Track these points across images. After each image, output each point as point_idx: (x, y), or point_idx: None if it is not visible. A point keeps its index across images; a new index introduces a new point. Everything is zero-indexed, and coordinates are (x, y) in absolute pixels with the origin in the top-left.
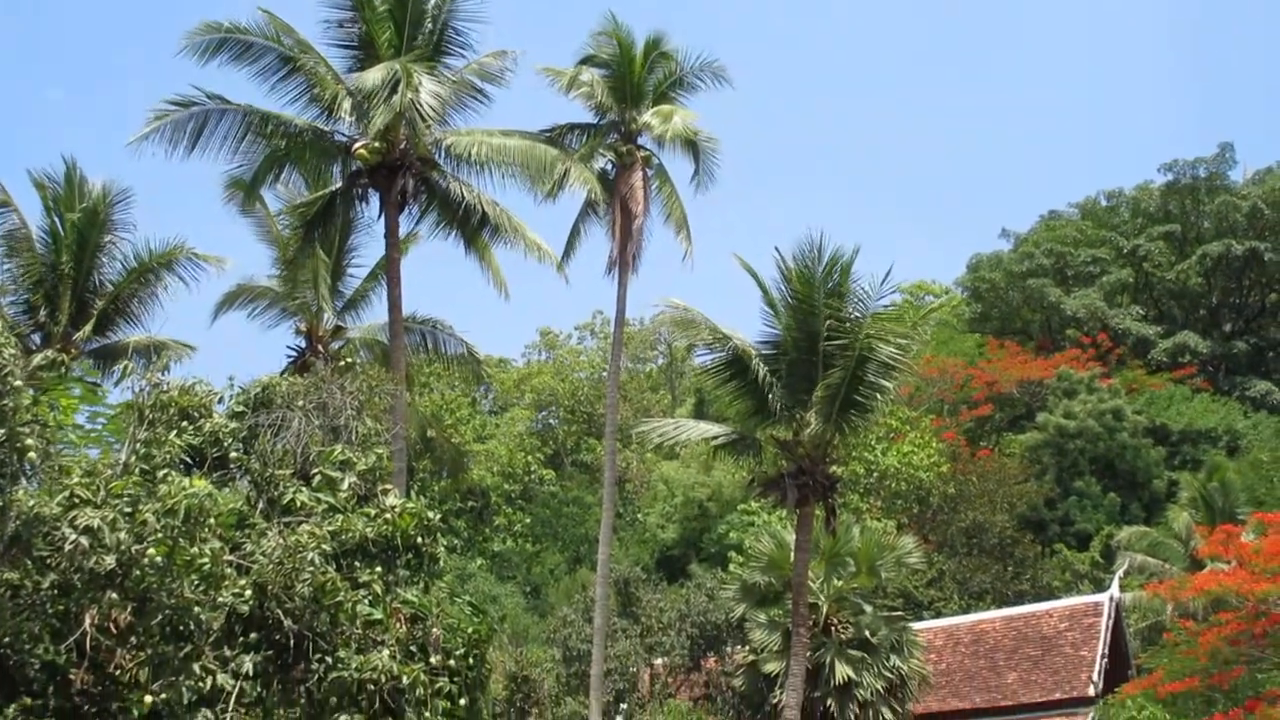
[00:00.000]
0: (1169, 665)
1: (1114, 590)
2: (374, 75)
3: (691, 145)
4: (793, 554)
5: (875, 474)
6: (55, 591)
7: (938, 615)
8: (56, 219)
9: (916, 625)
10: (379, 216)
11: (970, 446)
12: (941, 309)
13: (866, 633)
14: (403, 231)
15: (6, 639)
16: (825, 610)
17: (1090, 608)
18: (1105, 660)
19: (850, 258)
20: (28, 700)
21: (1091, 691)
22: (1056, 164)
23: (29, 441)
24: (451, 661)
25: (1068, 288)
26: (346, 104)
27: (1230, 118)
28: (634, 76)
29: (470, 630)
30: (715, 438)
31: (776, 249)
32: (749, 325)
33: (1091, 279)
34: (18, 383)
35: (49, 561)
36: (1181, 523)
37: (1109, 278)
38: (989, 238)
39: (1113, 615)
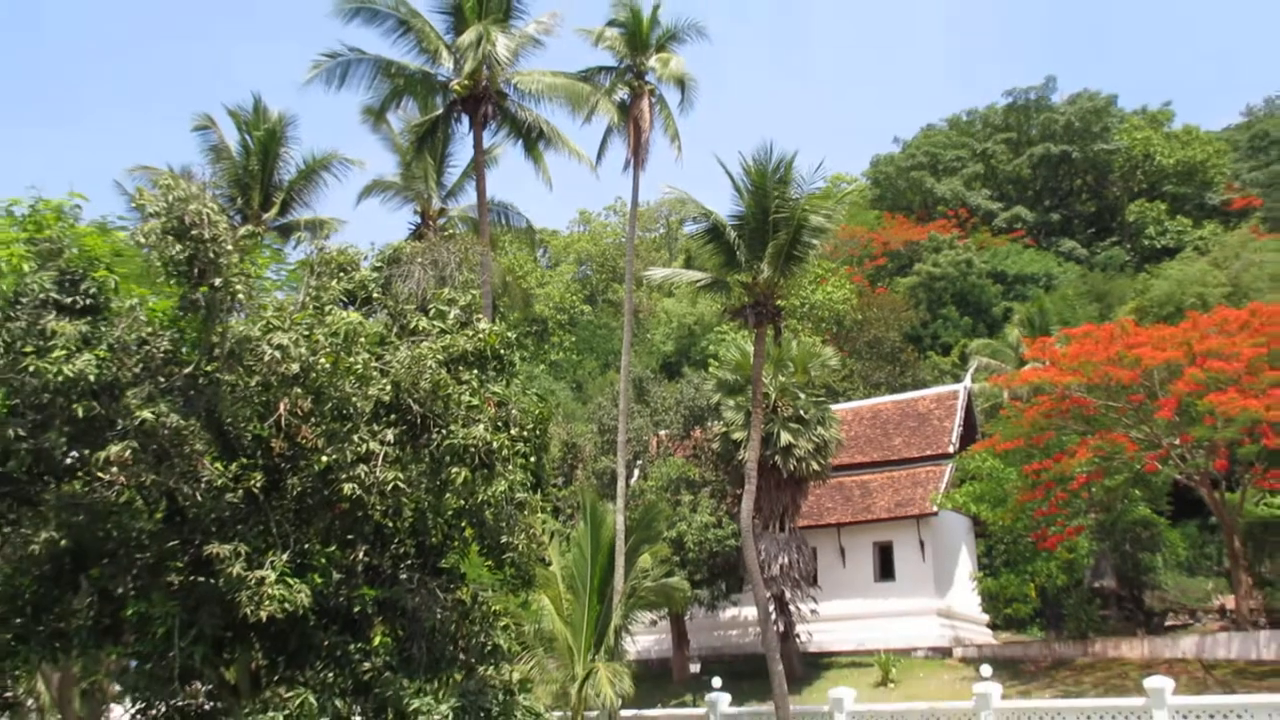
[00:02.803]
0: (1003, 431)
1: (967, 382)
2: (466, 35)
3: (680, 81)
4: (752, 359)
5: (807, 305)
6: (259, 388)
7: (849, 400)
8: (247, 137)
9: (835, 407)
10: (468, 132)
11: (871, 286)
12: (852, 193)
13: (801, 411)
14: (486, 143)
15: (229, 420)
16: (774, 397)
17: (951, 394)
18: (960, 429)
19: (791, 157)
20: (244, 460)
21: (951, 449)
22: (931, 89)
23: (238, 287)
24: (525, 432)
25: (939, 177)
26: (444, 53)
27: (1054, 53)
28: (642, 33)
29: (537, 412)
30: (699, 281)
31: (740, 152)
32: (720, 204)
33: (955, 170)
34: (229, 247)
35: (254, 368)
36: (1013, 337)
37: (967, 170)
38: (885, 142)
39: (966, 399)
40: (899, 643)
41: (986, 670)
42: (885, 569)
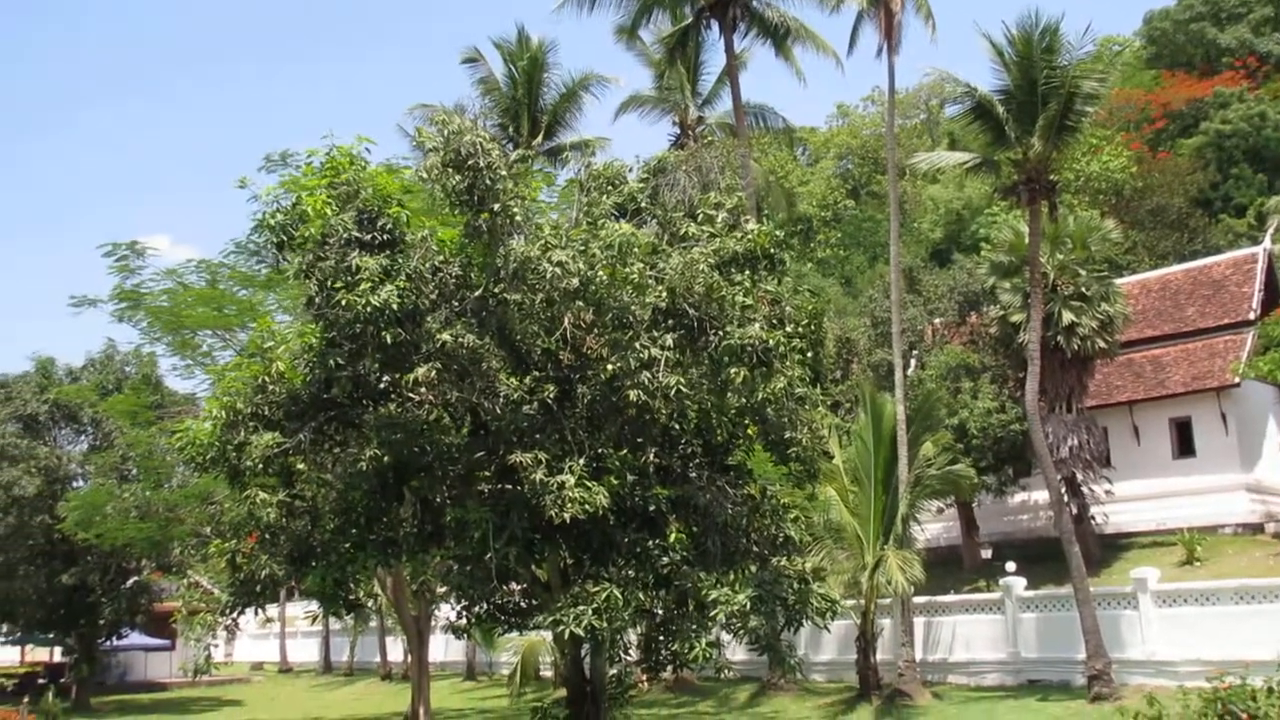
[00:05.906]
0: None
1: (1266, 243)
2: None
3: None
4: (1027, 238)
5: (1082, 178)
6: (543, 304)
7: (1133, 272)
8: (512, 67)
9: (1119, 280)
10: (718, 38)
11: (1151, 151)
12: (1125, 53)
13: (1083, 289)
14: (736, 47)
15: (519, 337)
16: (1052, 276)
17: (1248, 257)
18: (1261, 293)
19: (1057, 23)
20: (535, 373)
21: (1251, 316)
22: None
23: (515, 210)
24: (800, 328)
25: (1222, 26)
26: None
27: None
28: None
29: (810, 308)
30: (965, 163)
31: (1003, 21)
32: (980, 82)
33: (1240, 17)
34: (504, 173)
35: (537, 286)
36: None
37: (1255, 14)
38: None
39: (1266, 261)
40: (1203, 521)
41: None
42: (1184, 445)
